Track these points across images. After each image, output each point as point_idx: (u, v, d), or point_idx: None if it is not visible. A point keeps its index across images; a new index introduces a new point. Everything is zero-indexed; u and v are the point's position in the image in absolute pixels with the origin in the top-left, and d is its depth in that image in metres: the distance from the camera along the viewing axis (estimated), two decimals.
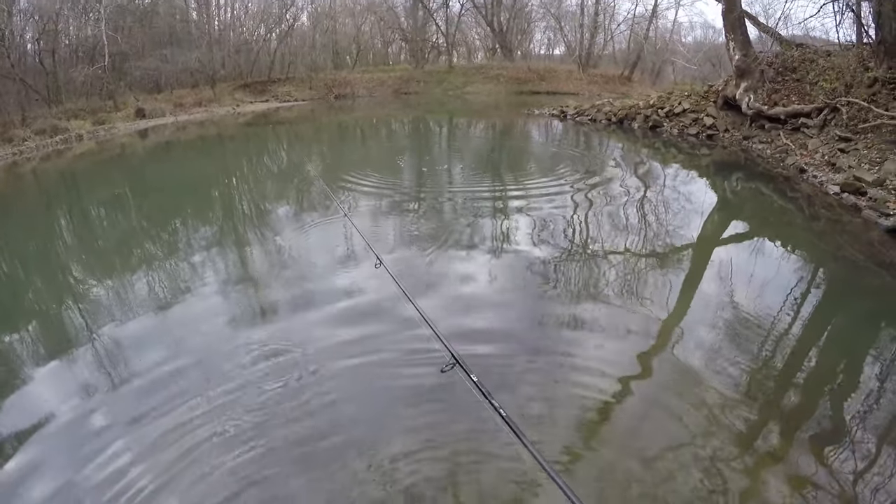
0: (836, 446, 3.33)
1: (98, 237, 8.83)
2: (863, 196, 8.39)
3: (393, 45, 48.48)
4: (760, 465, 3.16)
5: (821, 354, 4.54)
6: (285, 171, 12.36)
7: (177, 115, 26.40)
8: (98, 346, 4.72)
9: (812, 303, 5.47)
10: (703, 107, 16.68)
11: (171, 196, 11.26)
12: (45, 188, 13.44)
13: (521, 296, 5.47)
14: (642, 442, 3.38)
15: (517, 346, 4.47)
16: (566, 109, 21.86)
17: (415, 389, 3.88)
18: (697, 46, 37.92)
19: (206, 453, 3.31)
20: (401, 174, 12.04)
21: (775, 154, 12.40)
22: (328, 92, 36.12)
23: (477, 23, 46.07)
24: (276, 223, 8.43)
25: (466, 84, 37.58)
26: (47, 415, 3.79)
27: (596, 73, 37.40)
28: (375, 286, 5.49)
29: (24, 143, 18.18)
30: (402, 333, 4.57)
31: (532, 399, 3.77)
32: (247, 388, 3.94)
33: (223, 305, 5.44)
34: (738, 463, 3.17)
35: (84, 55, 28.13)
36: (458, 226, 7.75)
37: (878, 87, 11.58)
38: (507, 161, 13.82)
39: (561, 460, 3.21)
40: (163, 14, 34.37)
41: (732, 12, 15.19)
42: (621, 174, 11.06)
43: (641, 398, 3.79)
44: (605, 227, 7.52)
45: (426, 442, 3.37)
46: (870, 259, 6.71)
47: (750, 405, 3.68)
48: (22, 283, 6.84)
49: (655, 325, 4.77)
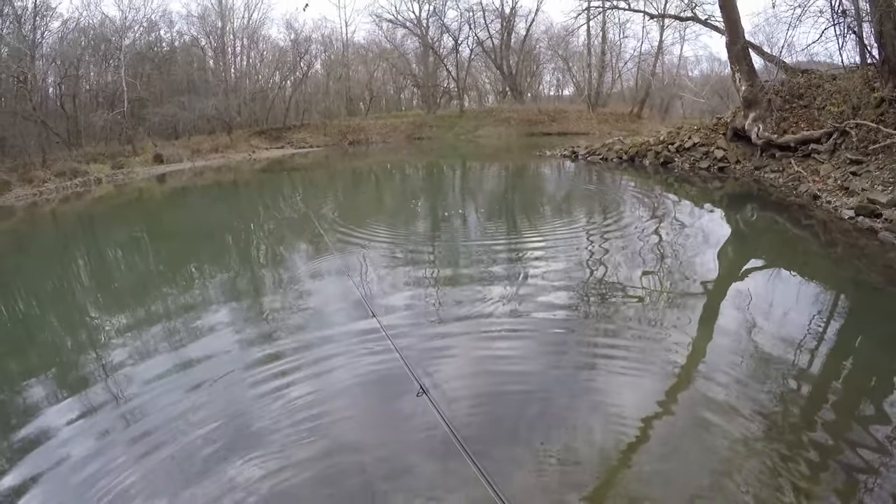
0: (868, 477, 3.12)
1: (114, 279, 8.80)
2: (878, 218, 8.20)
3: (405, 91, 49.82)
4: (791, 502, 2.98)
5: (846, 383, 4.30)
6: (299, 220, 12.23)
7: (194, 161, 27.09)
8: (110, 385, 4.66)
9: (834, 330, 5.22)
10: (713, 140, 16.65)
11: (186, 241, 11.26)
12: (63, 229, 13.70)
13: (538, 341, 5.23)
14: (668, 479, 3.21)
15: (534, 392, 4.25)
16: (577, 150, 21.93)
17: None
18: (704, 80, 38.35)
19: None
20: (416, 221, 11.78)
21: (788, 182, 12.27)
22: (342, 138, 36.93)
23: (487, 66, 47.28)
24: (288, 272, 8.20)
25: (478, 127, 38.20)
26: (54, 455, 3.71)
27: (605, 112, 37.91)
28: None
29: (44, 185, 18.74)
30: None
31: (552, 442, 3.59)
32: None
33: (233, 352, 5.25)
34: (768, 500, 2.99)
35: (104, 100, 29.31)
36: (476, 272, 7.46)
37: (886, 107, 11.47)
38: (520, 204, 13.64)
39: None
40: (181, 62, 35.82)
41: (736, 44, 15.32)
42: (635, 212, 10.88)
43: (664, 435, 3.61)
44: (623, 267, 7.27)
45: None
46: (890, 282, 6.50)
47: (777, 439, 3.47)
48: (37, 321, 6.87)
49: (678, 360, 4.57)
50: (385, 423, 3.95)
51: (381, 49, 45.05)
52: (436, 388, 4.08)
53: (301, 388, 4.31)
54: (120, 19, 30.87)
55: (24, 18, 23.96)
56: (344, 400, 4.20)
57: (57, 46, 27.33)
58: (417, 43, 44.07)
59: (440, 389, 4.11)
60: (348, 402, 4.18)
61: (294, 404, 4.07)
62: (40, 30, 25.54)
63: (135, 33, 32.23)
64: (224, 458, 3.50)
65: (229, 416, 3.97)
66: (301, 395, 4.20)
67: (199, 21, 37.29)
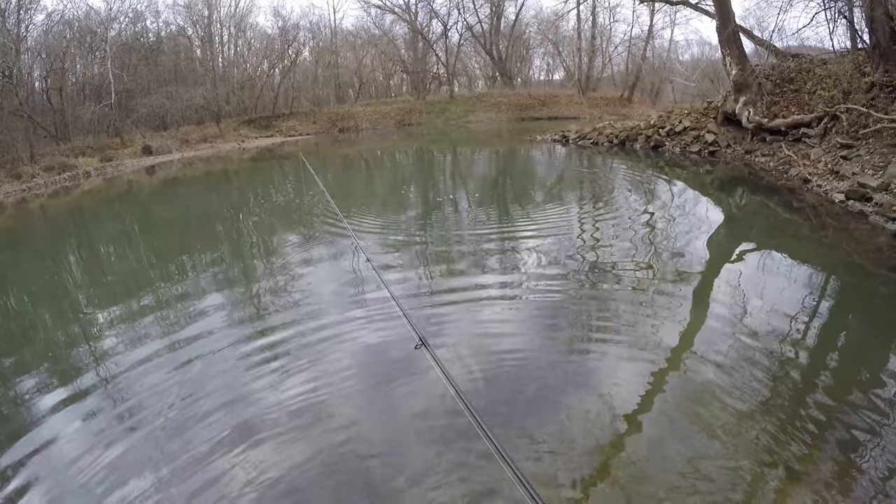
0: (860, 460, 3.20)
1: (106, 272, 8.77)
2: (868, 202, 8.31)
3: (394, 78, 49.34)
4: (783, 483, 3.06)
5: (837, 363, 4.41)
6: (291, 206, 12.27)
7: (183, 152, 26.85)
8: (104, 381, 4.67)
9: (825, 313, 5.34)
10: (704, 124, 16.73)
11: (177, 232, 11.25)
12: (53, 224, 13.57)
13: (532, 325, 5.33)
14: (659, 465, 3.26)
15: (530, 369, 4.38)
16: (568, 134, 21.99)
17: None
18: (695, 64, 38.44)
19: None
20: (407, 207, 11.91)
21: (778, 166, 12.36)
22: (332, 126, 36.67)
23: (476, 52, 46.98)
24: (282, 257, 8.28)
25: (468, 113, 38.07)
26: (48, 449, 3.76)
27: (596, 96, 37.88)
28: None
29: (33, 180, 18.54)
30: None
31: (546, 426, 3.67)
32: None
33: (227, 339, 5.32)
34: (761, 482, 3.06)
35: (91, 93, 28.92)
36: (468, 253, 7.64)
37: (876, 92, 11.57)
38: (512, 189, 13.71)
39: (579, 484, 3.14)
40: (167, 52, 35.27)
41: (727, 28, 15.33)
42: (626, 196, 10.94)
43: (657, 419, 3.68)
44: (615, 250, 7.33)
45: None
46: (880, 265, 6.62)
47: (770, 421, 3.56)
48: (29, 317, 6.86)
49: (671, 343, 4.66)
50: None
51: (369, 35, 44.60)
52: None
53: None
54: (105, 10, 30.36)
55: (7, 12, 23.45)
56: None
57: (42, 40, 26.89)
58: (406, 29, 43.70)
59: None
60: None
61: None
62: (25, 23, 25.07)
63: (120, 24, 31.69)
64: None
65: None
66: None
67: (186, 10, 36.72)
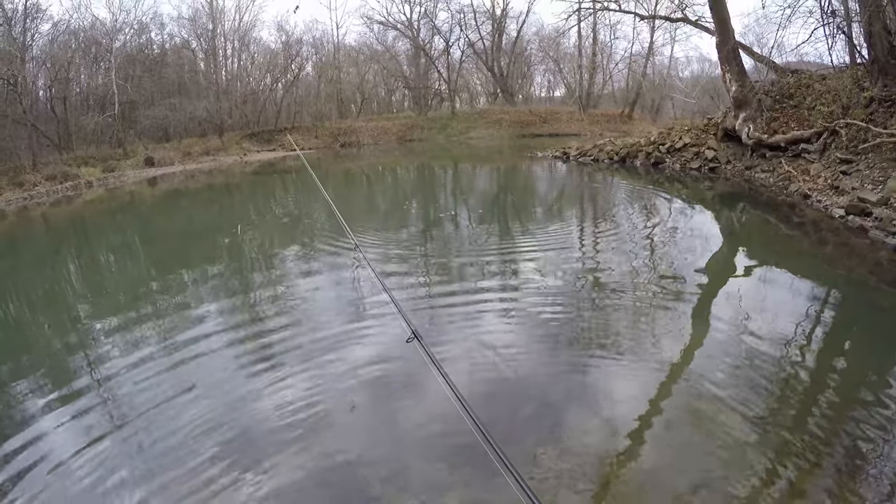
0: (862, 475, 3.17)
1: (106, 282, 8.74)
2: (868, 217, 8.30)
3: (396, 93, 49.61)
4: (785, 499, 3.02)
5: (838, 377, 4.38)
6: (292, 222, 12.21)
7: (185, 164, 26.92)
8: (101, 390, 4.65)
9: (825, 327, 5.33)
10: (704, 140, 16.78)
11: (178, 244, 11.19)
12: (54, 233, 13.58)
13: (532, 341, 5.29)
14: (660, 481, 3.23)
15: (528, 392, 4.31)
16: (569, 151, 22.03)
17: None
18: (695, 80, 38.50)
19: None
20: (408, 222, 11.87)
21: (778, 182, 12.38)
22: (334, 140, 36.75)
23: (478, 68, 47.24)
24: (282, 272, 8.25)
25: (469, 129, 38.18)
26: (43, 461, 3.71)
27: (597, 113, 38.03)
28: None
29: (35, 189, 18.60)
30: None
31: (546, 442, 3.62)
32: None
33: (226, 351, 5.30)
34: (762, 499, 3.03)
35: (95, 103, 29.11)
36: (469, 267, 7.64)
37: (875, 106, 11.60)
38: (513, 207, 13.66)
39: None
40: (171, 64, 35.52)
41: (726, 44, 15.45)
42: (626, 212, 10.97)
43: (658, 435, 3.65)
44: (615, 266, 7.33)
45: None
46: (881, 280, 6.61)
47: (771, 436, 3.54)
48: (29, 324, 6.86)
49: (672, 358, 4.63)
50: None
51: (372, 51, 44.84)
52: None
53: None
54: (110, 21, 30.70)
55: (14, 21, 23.71)
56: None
57: (47, 49, 27.15)
58: (408, 45, 44.03)
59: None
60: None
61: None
62: (30, 32, 25.34)
63: (125, 35, 32.00)
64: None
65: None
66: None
67: (190, 23, 37.00)
